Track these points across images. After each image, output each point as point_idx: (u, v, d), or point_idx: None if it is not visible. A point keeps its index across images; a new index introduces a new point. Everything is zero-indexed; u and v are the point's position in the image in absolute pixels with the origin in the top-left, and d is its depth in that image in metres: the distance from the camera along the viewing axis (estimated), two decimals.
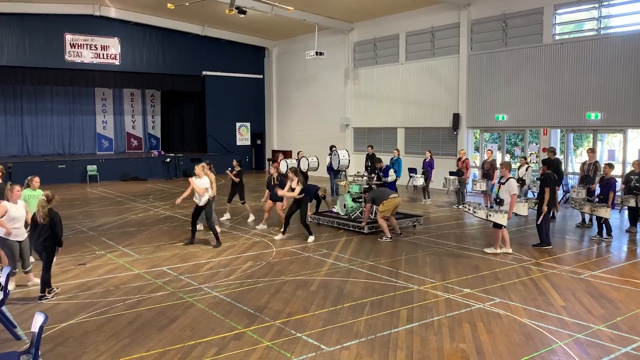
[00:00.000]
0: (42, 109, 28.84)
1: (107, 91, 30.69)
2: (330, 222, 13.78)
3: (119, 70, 27.16)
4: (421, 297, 8.16)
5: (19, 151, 28.02)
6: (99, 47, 26.35)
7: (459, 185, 16.60)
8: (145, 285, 8.80)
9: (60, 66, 25.51)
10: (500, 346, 6.33)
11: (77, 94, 29.80)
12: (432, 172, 17.85)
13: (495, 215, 10.64)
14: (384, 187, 13.47)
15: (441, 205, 17.16)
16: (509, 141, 21.76)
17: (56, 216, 7.99)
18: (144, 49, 27.71)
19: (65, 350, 6.26)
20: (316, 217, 14.20)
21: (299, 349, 6.26)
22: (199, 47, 29.00)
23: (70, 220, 14.71)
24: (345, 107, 26.26)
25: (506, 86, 19.62)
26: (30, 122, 28.46)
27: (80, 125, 30.14)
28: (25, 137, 28.35)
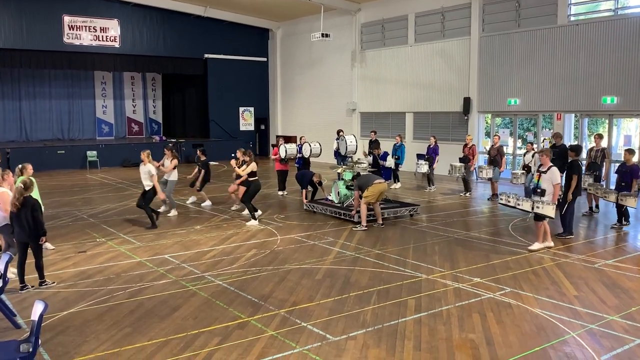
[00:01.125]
0: (41, 93, 28.88)
1: (106, 75, 30.68)
2: (324, 210, 13.67)
3: (119, 53, 27.10)
4: (430, 286, 8.17)
5: (17, 136, 28.11)
6: (98, 29, 26.28)
7: (465, 173, 16.43)
8: (147, 274, 8.84)
9: (58, 49, 25.47)
10: (510, 337, 6.34)
11: (76, 78, 29.80)
12: (437, 159, 17.65)
13: (544, 207, 9.91)
14: (370, 174, 13.25)
15: (446, 193, 17.08)
16: (521, 126, 21.61)
17: (35, 204, 7.92)
18: (145, 30, 27.61)
19: (65, 339, 6.31)
20: (311, 205, 14.09)
21: (304, 339, 6.29)
22: (201, 28, 28.88)
23: (70, 207, 14.78)
24: (351, 91, 26.16)
25: (519, 69, 19.46)
26: (28, 106, 28.50)
27: (79, 110, 30.18)
28: (23, 122, 28.43)
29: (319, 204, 13.98)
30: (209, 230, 11.99)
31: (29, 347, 5.00)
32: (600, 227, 12.37)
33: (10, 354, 4.96)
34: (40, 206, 8.03)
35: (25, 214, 7.83)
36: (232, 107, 30.23)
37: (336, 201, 13.78)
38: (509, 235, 11.48)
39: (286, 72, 30.53)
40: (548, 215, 10.05)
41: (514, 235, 11.46)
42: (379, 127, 24.17)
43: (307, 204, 14.16)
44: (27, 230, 7.89)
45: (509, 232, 11.77)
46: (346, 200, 13.59)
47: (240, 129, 30.76)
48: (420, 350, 5.99)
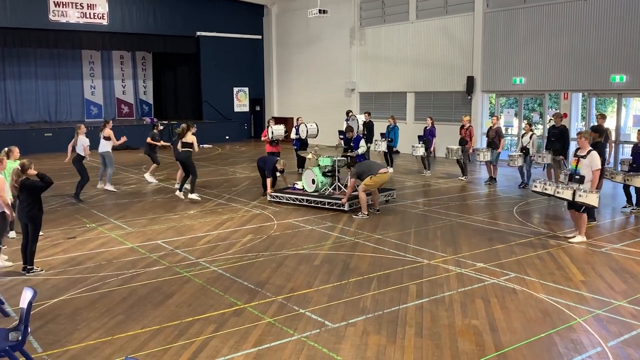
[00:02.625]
0: (26, 73, 28.68)
1: (94, 54, 30.46)
2: (298, 200, 12.88)
3: (107, 31, 26.86)
4: (431, 271, 8.21)
5: (2, 119, 27.96)
6: (85, 5, 26.00)
7: (462, 156, 16.30)
8: (140, 260, 8.86)
9: (44, 26, 25.21)
10: (515, 323, 6.38)
11: (63, 57, 29.59)
12: (434, 141, 17.56)
13: (587, 196, 9.34)
14: (373, 161, 13.14)
15: (442, 177, 16.98)
16: (527, 106, 21.59)
17: (33, 182, 7.99)
18: (134, 7, 27.34)
19: (56, 328, 6.34)
20: (277, 194, 13.29)
21: (302, 326, 6.33)
22: (193, 5, 28.62)
23: (59, 191, 14.75)
24: (350, 70, 26.04)
25: (525, 47, 19.38)
26: (13, 87, 28.31)
27: (67, 91, 30.01)
28: (8, 104, 28.25)
29: (287, 194, 13.17)
30: (203, 215, 12.00)
31: (18, 335, 5.03)
32: (607, 210, 12.40)
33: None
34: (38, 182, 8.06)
35: (27, 195, 7.89)
36: (225, 87, 30.08)
37: (310, 190, 12.98)
38: (513, 219, 11.51)
39: (282, 50, 30.35)
40: (592, 205, 9.47)
41: (519, 219, 11.49)
42: (379, 108, 24.13)
43: (271, 194, 13.35)
44: (26, 211, 7.96)
45: (514, 216, 11.80)
46: (324, 188, 13.00)
47: (234, 110, 30.64)
48: (422, 337, 6.03)
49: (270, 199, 13.29)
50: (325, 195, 12.76)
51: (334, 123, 24.72)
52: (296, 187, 13.61)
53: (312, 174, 13.05)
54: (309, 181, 13.14)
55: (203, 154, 23.77)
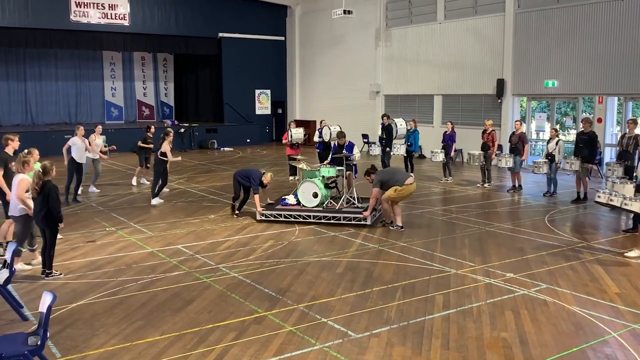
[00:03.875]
0: (47, 75, 29.20)
1: (115, 55, 30.91)
2: (302, 217, 11.66)
3: (129, 32, 27.24)
4: (459, 281, 8.15)
5: (22, 120, 28.50)
6: (107, 6, 26.42)
7: (485, 161, 16.03)
8: (159, 265, 8.95)
9: (65, 27, 25.66)
10: (546, 336, 6.30)
11: (84, 58, 30.08)
12: (454, 147, 17.33)
13: None
14: (397, 168, 12.94)
15: (462, 184, 16.74)
16: (559, 110, 21.33)
17: (52, 190, 8.05)
18: (155, 8, 27.70)
19: (74, 333, 6.43)
20: (272, 212, 11.88)
21: (324, 335, 6.32)
22: (215, 5, 28.88)
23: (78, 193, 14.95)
24: (375, 72, 26.02)
25: (558, 48, 19.16)
26: (34, 88, 28.86)
27: (87, 92, 30.49)
28: (29, 105, 28.80)
29: (282, 210, 11.89)
30: (223, 220, 12.08)
31: (37, 340, 5.11)
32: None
33: (18, 346, 5.07)
34: (57, 192, 8.14)
35: (43, 199, 8.01)
36: (247, 89, 30.27)
37: (311, 205, 11.86)
38: (544, 227, 11.37)
39: (305, 52, 30.46)
40: None
41: (551, 227, 11.35)
42: (404, 111, 24.05)
43: (261, 213, 11.90)
44: (43, 216, 8.08)
45: (545, 224, 11.66)
46: (327, 202, 12.12)
47: (255, 113, 30.81)
48: (448, 349, 5.99)
49: (260, 218, 11.88)
50: (339, 210, 11.76)
51: (358, 126, 24.77)
52: (287, 202, 12.29)
53: (313, 186, 11.87)
54: (308, 195, 11.91)
55: (224, 157, 23.98)
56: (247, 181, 12.03)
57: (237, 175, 12.33)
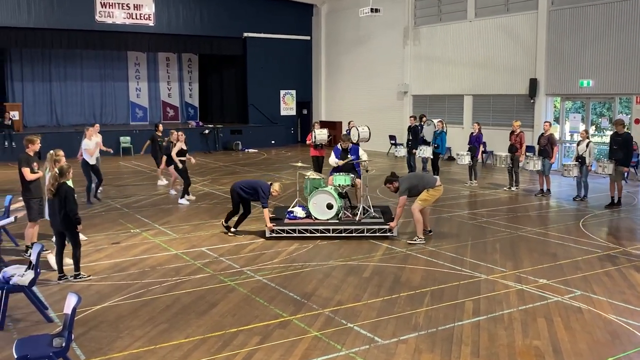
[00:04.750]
0: (72, 75, 29.72)
1: (140, 55, 31.32)
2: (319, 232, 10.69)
3: (153, 32, 27.59)
4: (489, 287, 8.08)
5: (47, 121, 29.04)
6: (132, 6, 26.79)
7: (512, 164, 15.77)
8: (184, 267, 9.04)
9: (90, 28, 26.10)
10: (580, 344, 6.21)
11: (109, 59, 30.55)
12: (480, 149, 17.12)
13: None
14: (424, 173, 12.70)
15: (488, 187, 16.51)
16: (594, 111, 21.01)
17: (68, 192, 8.15)
18: (180, 8, 28.01)
19: (98, 335, 6.53)
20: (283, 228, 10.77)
21: (351, 341, 6.32)
22: (240, 5, 29.08)
23: (103, 195, 15.19)
24: (403, 71, 25.93)
25: (593, 46, 18.88)
26: (59, 89, 29.39)
27: (112, 93, 30.95)
28: (54, 106, 29.35)
29: (296, 225, 10.82)
30: (247, 222, 12.10)
31: (62, 341, 5.20)
32: None
33: (43, 348, 5.18)
34: (73, 194, 8.26)
35: (59, 201, 8.11)
36: (272, 90, 30.40)
37: (325, 217, 10.93)
38: (579, 232, 11.21)
39: (331, 51, 30.49)
40: None
41: (586, 232, 11.18)
42: (433, 112, 23.91)
43: (272, 229, 10.71)
44: (60, 219, 8.18)
45: (580, 229, 11.49)
46: (341, 213, 11.21)
47: (280, 114, 30.93)
48: (478, 357, 5.94)
49: (271, 234, 10.72)
50: (359, 222, 10.90)
51: (385, 128, 24.69)
52: (295, 215, 11.22)
53: (327, 197, 10.95)
54: (321, 207, 10.95)
55: (248, 158, 24.13)
56: (251, 194, 10.77)
57: (238, 187, 10.89)
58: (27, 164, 9.44)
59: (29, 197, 9.51)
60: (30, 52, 28.03)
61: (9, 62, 28.16)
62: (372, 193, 15.37)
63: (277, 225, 10.77)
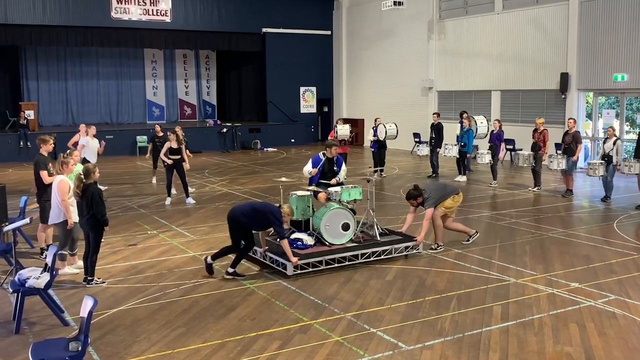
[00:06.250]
0: (88, 73, 30.10)
1: (157, 53, 31.61)
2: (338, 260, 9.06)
3: (170, 29, 27.82)
4: (519, 291, 8.01)
5: (63, 120, 29.45)
6: (148, 2, 27.04)
7: (535, 163, 15.46)
8: (201, 270, 9.08)
9: (106, 25, 26.41)
10: (615, 351, 6.13)
11: (125, 56, 30.88)
12: (501, 147, 16.91)
13: None
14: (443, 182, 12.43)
15: (509, 188, 16.30)
16: (629, 107, 20.71)
17: (95, 193, 8.22)
18: (197, 3, 28.20)
19: (115, 339, 6.60)
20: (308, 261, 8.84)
21: (374, 346, 6.31)
22: (259, 0, 29.18)
23: (119, 196, 15.37)
24: (428, 66, 25.81)
25: (628, 39, 18.62)
26: (74, 87, 29.79)
27: (128, 91, 31.28)
28: (70, 105, 29.75)
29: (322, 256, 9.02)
30: None
31: (78, 345, 5.27)
32: None
33: (59, 352, 5.24)
34: (101, 195, 8.35)
35: (87, 203, 8.20)
36: (292, 87, 30.46)
37: (341, 241, 9.44)
38: (613, 234, 11.06)
39: (353, 46, 30.46)
40: None
41: (620, 234, 11.03)
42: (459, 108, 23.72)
43: (296, 264, 8.64)
44: (86, 219, 8.28)
45: (614, 230, 11.34)
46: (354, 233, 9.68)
47: (300, 112, 30.98)
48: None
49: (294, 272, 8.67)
50: (383, 242, 9.66)
51: (409, 125, 24.59)
52: (305, 244, 9.31)
53: (342, 216, 9.46)
54: (335, 230, 9.40)
55: (267, 158, 24.21)
56: (259, 222, 8.69)
57: (239, 213, 8.66)
58: (44, 166, 9.57)
59: (45, 200, 9.63)
60: (45, 50, 28.44)
61: (24, 61, 28.63)
62: (396, 193, 15.36)
63: (301, 259, 8.75)
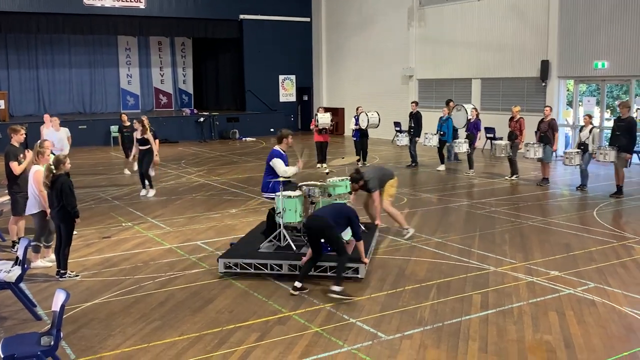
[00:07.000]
0: (60, 61, 29.71)
1: (131, 40, 31.26)
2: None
3: (145, 15, 27.51)
4: (498, 280, 8.09)
5: (35, 110, 29.02)
6: None
7: (512, 152, 15.55)
8: (178, 262, 9.06)
9: (78, 11, 26.02)
10: (594, 339, 6.22)
11: (98, 44, 30.52)
12: (478, 136, 16.98)
13: None
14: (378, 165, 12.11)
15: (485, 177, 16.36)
16: (610, 94, 20.97)
17: (65, 184, 8.11)
18: None
19: (89, 333, 6.56)
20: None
21: (353, 337, 6.34)
22: None
23: (93, 188, 15.23)
24: (408, 55, 25.85)
25: (608, 26, 18.79)
26: (46, 76, 29.41)
27: (102, 80, 30.95)
28: (41, 94, 29.36)
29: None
30: (245, 215, 12.17)
31: (51, 340, 5.23)
32: None
33: (31, 346, 5.20)
34: (70, 186, 8.24)
35: (56, 194, 8.10)
36: (270, 75, 30.34)
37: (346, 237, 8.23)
38: (593, 222, 11.21)
39: (332, 34, 30.39)
40: None
41: (600, 222, 11.18)
42: (440, 97, 23.88)
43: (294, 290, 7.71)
44: (57, 211, 8.18)
45: (594, 218, 11.49)
46: None
47: (280, 100, 30.89)
48: (486, 353, 5.96)
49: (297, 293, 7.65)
50: None
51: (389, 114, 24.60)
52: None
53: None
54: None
55: (246, 147, 24.13)
56: (342, 224, 7.91)
57: (330, 218, 7.73)
58: (14, 157, 9.44)
59: (16, 191, 9.51)
60: (15, 37, 27.96)
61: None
62: None
63: None
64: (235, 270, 8.27)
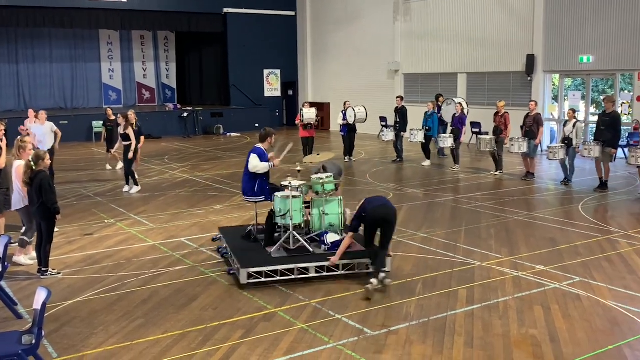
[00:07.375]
0: (40, 56, 29.42)
1: (113, 34, 31.04)
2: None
3: (127, 9, 27.34)
4: (484, 274, 8.13)
5: (15, 105, 28.73)
6: None
7: (497, 147, 15.56)
8: (161, 259, 9.02)
9: (59, 5, 25.80)
10: (579, 333, 6.28)
11: (80, 38, 30.26)
12: (464, 130, 17.06)
13: None
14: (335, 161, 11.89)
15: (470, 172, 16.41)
16: (596, 88, 21.14)
17: (44, 180, 8.04)
18: None
19: (71, 331, 6.51)
20: None
21: (339, 333, 6.35)
22: None
23: (75, 184, 15.12)
24: (393, 49, 25.88)
25: (594, 20, 18.92)
26: (27, 71, 29.13)
27: (83, 75, 30.70)
28: (21, 89, 29.09)
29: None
30: (230, 211, 12.14)
31: (32, 338, 5.18)
32: None
33: (12, 346, 5.15)
34: (49, 182, 8.17)
35: (36, 190, 8.02)
36: (255, 69, 30.27)
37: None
38: (578, 216, 11.30)
39: (317, 28, 30.35)
40: None
41: (585, 216, 11.27)
42: (425, 92, 23.95)
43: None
44: (37, 208, 8.10)
45: (579, 212, 11.59)
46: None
47: (264, 95, 30.82)
48: (472, 347, 5.99)
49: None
50: None
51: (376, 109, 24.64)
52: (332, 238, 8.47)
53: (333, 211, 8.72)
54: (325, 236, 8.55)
55: (230, 143, 24.07)
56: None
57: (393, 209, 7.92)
58: None
59: None
60: None
61: None
62: (362, 178, 15.45)
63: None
64: (259, 280, 7.72)
